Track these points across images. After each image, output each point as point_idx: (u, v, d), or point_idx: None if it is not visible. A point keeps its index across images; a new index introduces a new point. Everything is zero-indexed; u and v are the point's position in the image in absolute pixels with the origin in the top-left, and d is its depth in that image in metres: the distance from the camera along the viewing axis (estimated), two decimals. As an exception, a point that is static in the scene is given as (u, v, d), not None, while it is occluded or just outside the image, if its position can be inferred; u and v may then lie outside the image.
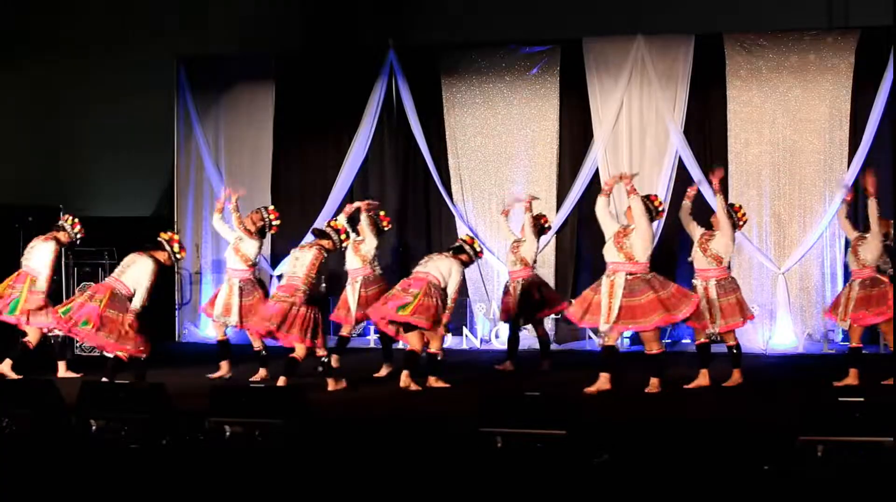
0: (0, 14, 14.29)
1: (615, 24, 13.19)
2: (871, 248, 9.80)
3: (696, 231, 9.81)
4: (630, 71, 12.90)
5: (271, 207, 10.98)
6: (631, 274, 9.19)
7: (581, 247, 13.21)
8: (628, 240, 9.24)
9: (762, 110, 12.76)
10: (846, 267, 10.82)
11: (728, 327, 9.64)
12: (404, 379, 9.65)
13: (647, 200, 9.52)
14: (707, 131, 13.03)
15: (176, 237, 9.95)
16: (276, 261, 13.63)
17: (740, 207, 10.08)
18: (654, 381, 9.35)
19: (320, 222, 13.47)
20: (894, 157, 11.98)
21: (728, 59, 12.77)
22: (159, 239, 9.86)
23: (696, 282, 9.70)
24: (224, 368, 10.57)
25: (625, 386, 9.41)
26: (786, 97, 12.71)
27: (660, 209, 9.80)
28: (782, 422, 6.77)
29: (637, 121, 12.96)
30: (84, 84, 14.27)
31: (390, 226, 11.49)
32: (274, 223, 10.66)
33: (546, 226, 11.31)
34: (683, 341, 12.64)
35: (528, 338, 12.14)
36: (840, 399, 6.53)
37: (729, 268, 9.89)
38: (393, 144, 13.76)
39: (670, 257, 12.02)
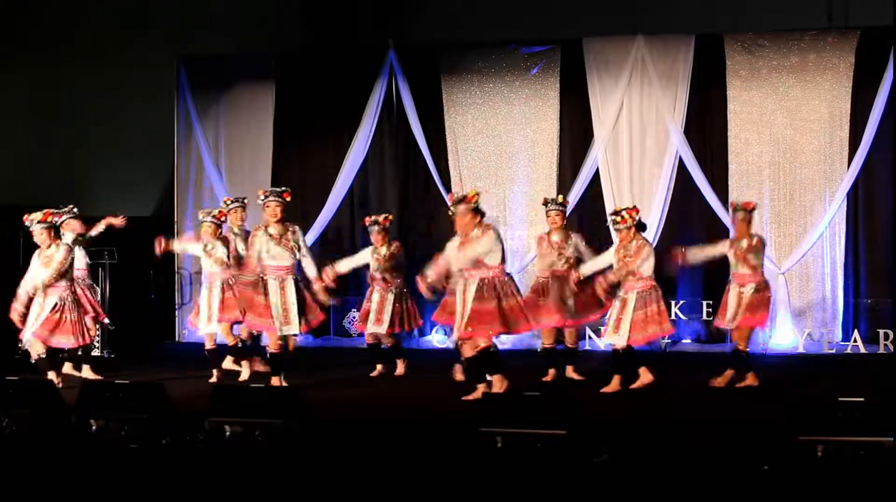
0: (0, 14, 14.29)
1: (615, 24, 13.19)
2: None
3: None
4: (630, 71, 12.91)
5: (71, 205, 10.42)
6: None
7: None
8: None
9: (762, 110, 12.77)
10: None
11: (647, 338, 9.47)
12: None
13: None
14: (707, 131, 13.03)
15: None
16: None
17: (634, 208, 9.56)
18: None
19: (321, 222, 13.48)
20: (894, 157, 11.97)
21: (728, 59, 12.77)
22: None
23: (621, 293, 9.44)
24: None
25: (625, 386, 9.42)
26: (786, 97, 12.72)
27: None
28: (782, 422, 6.76)
29: (637, 121, 12.96)
30: (84, 84, 14.27)
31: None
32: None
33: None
34: (683, 341, 12.68)
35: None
36: (840, 399, 6.52)
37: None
38: (393, 144, 13.75)
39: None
